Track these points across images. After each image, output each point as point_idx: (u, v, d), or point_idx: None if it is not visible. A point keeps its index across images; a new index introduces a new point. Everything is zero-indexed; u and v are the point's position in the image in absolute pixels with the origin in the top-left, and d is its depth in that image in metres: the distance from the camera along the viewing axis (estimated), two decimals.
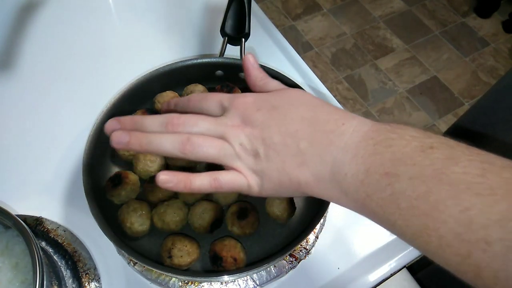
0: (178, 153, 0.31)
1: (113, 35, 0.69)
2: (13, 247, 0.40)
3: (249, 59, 0.37)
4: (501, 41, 1.88)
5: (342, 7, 1.98)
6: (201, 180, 0.31)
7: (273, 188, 0.31)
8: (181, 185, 0.31)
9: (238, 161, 0.32)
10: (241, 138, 0.31)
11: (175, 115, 0.32)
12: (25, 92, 0.61)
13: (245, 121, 0.32)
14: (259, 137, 0.31)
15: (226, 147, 0.31)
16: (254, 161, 0.31)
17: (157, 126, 0.32)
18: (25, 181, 0.53)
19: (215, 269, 0.44)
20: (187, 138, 0.31)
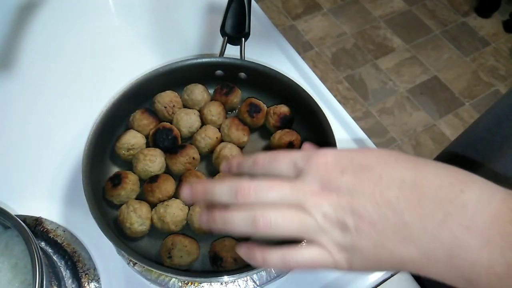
0: (253, 232, 0.27)
1: (113, 35, 0.69)
2: (13, 247, 0.40)
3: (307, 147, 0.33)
4: (502, 41, 1.87)
5: (342, 6, 1.98)
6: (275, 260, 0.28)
7: (367, 264, 0.27)
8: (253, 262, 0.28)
9: (322, 235, 0.27)
10: (325, 208, 0.26)
11: (244, 183, 0.28)
12: (25, 92, 0.61)
13: (327, 187, 0.27)
14: (347, 207, 0.26)
15: (308, 220, 0.27)
16: (342, 235, 0.26)
17: (226, 196, 0.28)
18: (25, 181, 0.53)
19: (215, 270, 0.44)
20: (260, 215, 0.27)
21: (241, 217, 0.27)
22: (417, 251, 0.25)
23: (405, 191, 0.25)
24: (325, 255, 0.27)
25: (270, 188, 0.28)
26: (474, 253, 0.23)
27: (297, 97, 0.53)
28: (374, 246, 0.26)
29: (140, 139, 0.51)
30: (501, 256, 0.22)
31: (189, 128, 0.52)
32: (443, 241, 0.24)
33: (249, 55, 0.56)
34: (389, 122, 1.63)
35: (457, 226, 0.23)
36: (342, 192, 0.26)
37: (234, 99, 0.55)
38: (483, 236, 0.23)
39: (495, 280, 0.23)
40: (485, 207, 0.23)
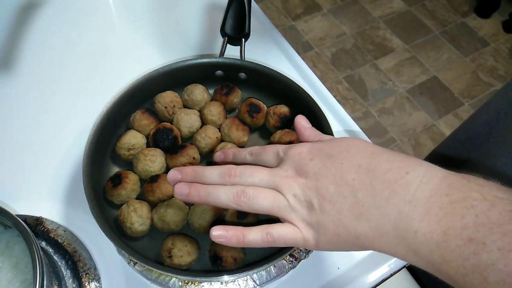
0: (234, 204, 0.31)
1: (113, 35, 0.69)
2: (13, 247, 0.40)
3: (300, 121, 0.37)
4: (501, 41, 1.88)
5: (342, 7, 1.98)
6: (254, 235, 0.31)
7: (329, 241, 0.30)
8: (234, 240, 0.31)
9: (292, 213, 0.31)
10: (295, 189, 0.30)
11: (232, 167, 0.33)
12: (25, 92, 0.61)
13: (298, 172, 0.31)
14: (312, 188, 0.30)
15: (280, 198, 0.31)
16: (308, 213, 0.30)
17: (216, 177, 0.33)
18: (25, 181, 0.53)
19: (215, 269, 0.44)
20: (242, 190, 0.31)
21: (225, 190, 0.32)
22: (368, 226, 0.28)
23: (360, 174, 0.29)
24: (296, 231, 0.31)
25: (253, 172, 0.32)
26: (415, 224, 0.25)
27: (297, 97, 0.53)
28: (333, 222, 0.29)
29: (141, 139, 0.51)
30: (437, 224, 0.25)
31: (189, 128, 0.52)
32: (390, 216, 0.27)
33: (249, 55, 0.56)
34: (389, 122, 1.63)
35: (401, 201, 0.26)
36: (309, 176, 0.30)
37: (234, 99, 0.55)
38: (423, 208, 0.25)
39: (434, 247, 0.25)
40: (426, 184, 0.26)
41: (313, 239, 0.30)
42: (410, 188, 0.26)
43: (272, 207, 0.31)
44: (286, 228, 0.31)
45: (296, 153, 0.32)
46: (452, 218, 0.24)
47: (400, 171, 0.27)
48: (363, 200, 0.28)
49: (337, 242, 0.30)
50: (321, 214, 0.29)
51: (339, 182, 0.29)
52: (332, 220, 0.29)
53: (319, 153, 0.31)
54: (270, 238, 0.31)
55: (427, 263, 0.26)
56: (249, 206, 0.31)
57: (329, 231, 0.29)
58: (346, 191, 0.29)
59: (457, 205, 0.24)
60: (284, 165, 0.32)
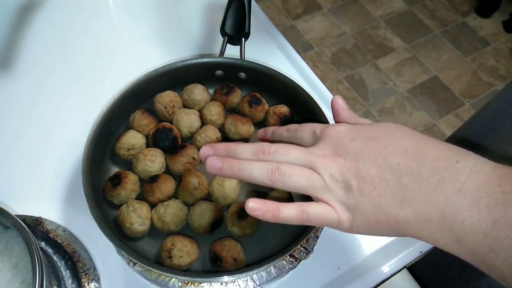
0: (267, 181, 0.30)
1: (113, 35, 0.69)
2: (13, 247, 0.40)
3: (338, 101, 0.35)
4: (502, 41, 1.87)
5: (342, 6, 1.98)
6: (289, 211, 0.30)
7: (366, 224, 0.29)
8: (269, 214, 0.30)
9: (328, 193, 0.30)
10: (332, 169, 0.29)
11: (266, 144, 0.32)
12: (24, 92, 0.61)
13: (337, 151, 0.30)
14: (352, 169, 0.29)
15: (316, 177, 0.30)
16: (345, 195, 0.29)
17: (249, 154, 0.32)
18: (25, 181, 0.53)
19: (215, 270, 0.44)
20: (276, 167, 0.30)
21: (259, 166, 0.31)
22: (412, 212, 0.27)
23: (406, 159, 0.27)
24: (331, 211, 0.29)
25: (288, 150, 0.31)
26: (464, 212, 0.25)
27: (297, 97, 0.53)
28: (373, 206, 0.28)
29: (140, 139, 0.51)
30: (488, 214, 0.24)
31: (189, 128, 0.52)
32: (436, 203, 0.26)
33: (249, 55, 0.56)
34: (389, 122, 1.62)
35: (450, 189, 0.26)
36: (349, 157, 0.29)
37: (234, 99, 0.55)
38: (472, 198, 0.25)
39: (482, 237, 0.24)
40: (477, 174, 0.25)
41: (348, 221, 0.29)
42: (460, 177, 0.26)
43: (307, 186, 0.30)
44: (321, 207, 0.30)
45: (335, 132, 0.31)
46: (504, 209, 0.23)
47: (450, 159, 0.27)
48: (408, 185, 0.27)
49: (374, 226, 0.29)
50: (360, 197, 0.28)
51: (382, 165, 0.28)
52: (371, 203, 0.28)
53: (361, 134, 0.30)
54: (306, 216, 0.30)
55: (470, 253, 0.25)
56: (283, 184, 0.30)
57: (367, 214, 0.28)
58: (389, 174, 0.28)
59: (509, 196, 0.24)
60: (321, 144, 0.31)
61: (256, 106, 0.53)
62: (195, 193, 0.47)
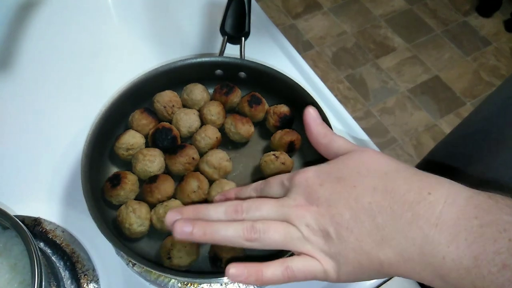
0: (244, 241, 0.29)
1: (112, 34, 0.69)
2: (11, 248, 0.40)
3: (311, 113, 0.34)
4: (503, 40, 1.87)
5: (342, 5, 1.98)
6: (273, 271, 0.29)
7: (352, 271, 0.28)
8: (253, 278, 0.29)
9: (308, 245, 0.29)
10: (307, 219, 0.29)
11: (238, 202, 0.31)
12: (23, 92, 0.61)
13: (308, 199, 0.29)
14: (326, 215, 0.28)
15: (292, 230, 0.29)
16: (325, 243, 0.28)
17: (222, 214, 0.31)
18: (23, 182, 0.53)
19: (214, 270, 0.44)
20: (251, 225, 0.29)
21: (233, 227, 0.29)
22: (392, 252, 0.26)
23: (377, 196, 0.27)
24: (315, 263, 0.29)
25: (260, 205, 0.30)
26: (443, 248, 0.24)
27: (297, 97, 0.53)
28: (354, 251, 0.27)
29: (140, 139, 0.51)
30: (468, 249, 0.23)
31: (188, 128, 0.52)
32: (415, 240, 0.25)
33: (249, 55, 0.56)
34: (390, 122, 1.62)
35: (426, 224, 0.25)
36: (321, 203, 0.29)
37: (234, 99, 0.55)
38: (450, 232, 0.24)
39: (464, 273, 0.23)
40: (451, 206, 0.25)
41: (334, 270, 0.28)
42: (434, 210, 0.25)
43: (284, 241, 0.29)
44: (305, 260, 0.29)
45: (303, 179, 0.30)
46: (483, 243, 0.23)
47: (421, 191, 0.26)
48: (384, 224, 0.26)
49: (359, 272, 0.28)
50: (339, 243, 0.28)
51: (354, 207, 0.27)
52: (352, 248, 0.27)
53: (328, 177, 0.29)
54: (290, 273, 0.29)
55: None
56: (261, 242, 0.29)
57: (350, 260, 0.27)
58: (363, 215, 0.27)
59: (488, 228, 0.23)
60: (291, 194, 0.30)
61: (256, 106, 0.53)
62: (192, 196, 0.46)
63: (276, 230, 0.29)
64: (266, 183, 0.34)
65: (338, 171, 0.30)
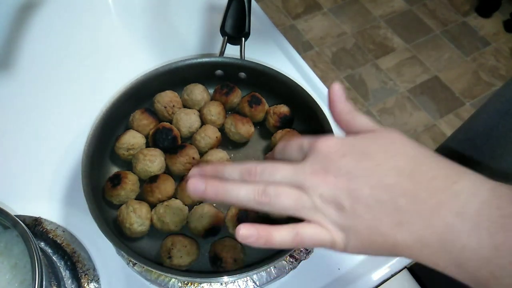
0: (254, 204, 0.29)
1: (113, 35, 0.69)
2: (12, 247, 0.40)
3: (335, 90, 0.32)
4: (502, 41, 1.87)
5: (342, 6, 1.98)
6: (283, 236, 0.29)
7: (361, 246, 0.28)
8: (262, 240, 0.28)
9: (319, 214, 0.28)
10: (322, 189, 0.28)
11: (253, 164, 0.30)
12: (24, 92, 0.61)
13: (326, 169, 0.28)
14: (344, 189, 0.27)
15: (304, 198, 0.28)
16: (338, 215, 0.28)
17: (236, 175, 0.30)
18: (24, 181, 0.53)
19: (215, 270, 0.44)
20: (263, 189, 0.28)
21: (245, 188, 0.29)
22: (410, 236, 0.26)
23: (402, 179, 0.26)
24: (325, 232, 0.28)
25: (275, 169, 0.29)
26: (464, 237, 0.24)
27: (297, 97, 0.53)
28: (368, 228, 0.27)
29: (140, 139, 0.51)
30: (489, 239, 0.23)
31: (189, 128, 0.52)
32: (436, 227, 0.25)
33: (249, 55, 0.56)
34: (390, 122, 1.62)
35: (449, 213, 0.25)
36: (340, 175, 0.28)
37: (234, 99, 0.55)
38: (472, 222, 0.24)
39: (483, 263, 0.24)
40: (475, 196, 0.25)
41: (342, 242, 0.28)
42: (458, 199, 0.25)
43: (295, 208, 0.28)
44: (315, 228, 0.28)
45: (324, 146, 0.29)
46: (505, 234, 0.23)
47: (447, 179, 0.26)
48: (405, 207, 0.26)
49: (369, 248, 0.28)
50: (353, 218, 0.27)
51: (376, 185, 0.26)
52: (366, 225, 0.27)
53: (352, 150, 0.28)
54: (300, 240, 0.28)
55: (472, 278, 0.25)
56: (271, 206, 0.29)
57: (362, 235, 0.27)
58: (384, 195, 0.26)
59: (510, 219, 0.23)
60: (309, 160, 0.29)
61: (256, 106, 0.53)
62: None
63: (288, 196, 0.28)
64: (286, 145, 0.32)
65: (364, 146, 0.28)
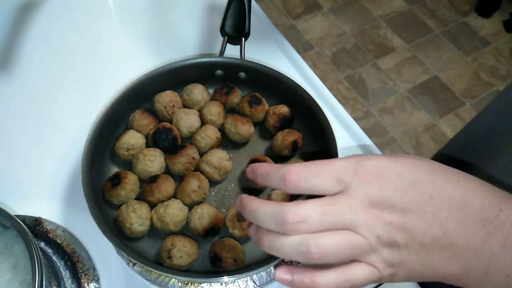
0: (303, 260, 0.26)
1: (113, 35, 0.69)
2: (12, 247, 0.40)
3: None
4: (502, 41, 1.87)
5: (342, 6, 1.98)
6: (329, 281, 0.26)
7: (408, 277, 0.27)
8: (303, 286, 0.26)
9: (373, 256, 0.26)
10: (378, 230, 0.26)
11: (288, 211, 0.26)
12: (24, 92, 0.61)
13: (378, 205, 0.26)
14: (400, 227, 0.26)
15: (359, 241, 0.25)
16: (391, 253, 0.26)
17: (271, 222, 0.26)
18: (24, 181, 0.53)
19: (215, 270, 0.44)
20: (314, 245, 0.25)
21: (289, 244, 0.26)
22: (459, 267, 0.26)
23: (454, 211, 0.26)
24: (375, 271, 0.27)
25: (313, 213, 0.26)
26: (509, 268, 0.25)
27: (297, 97, 0.53)
28: (421, 263, 0.26)
29: (140, 139, 0.51)
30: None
31: (189, 128, 0.52)
32: (483, 259, 0.26)
33: (249, 55, 0.56)
34: (390, 122, 1.62)
35: (495, 244, 0.25)
36: (395, 211, 0.26)
37: (234, 99, 0.55)
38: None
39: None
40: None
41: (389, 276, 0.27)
42: (504, 229, 0.25)
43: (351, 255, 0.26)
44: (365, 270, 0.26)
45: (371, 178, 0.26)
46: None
47: (493, 208, 0.26)
48: (457, 241, 0.25)
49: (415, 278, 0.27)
50: (406, 255, 0.26)
51: (430, 221, 0.26)
52: (419, 262, 0.26)
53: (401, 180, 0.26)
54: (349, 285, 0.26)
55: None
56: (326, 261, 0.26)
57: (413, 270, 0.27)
58: (438, 231, 0.26)
59: None
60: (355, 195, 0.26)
61: (256, 106, 0.53)
62: (193, 196, 0.47)
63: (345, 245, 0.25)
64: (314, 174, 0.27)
65: (412, 174, 0.26)
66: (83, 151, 0.46)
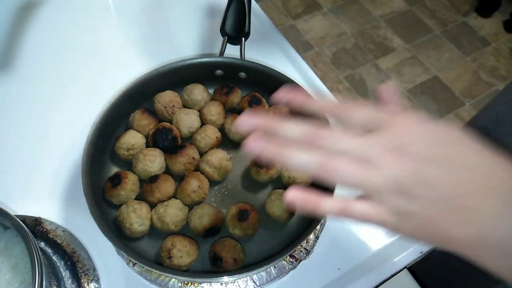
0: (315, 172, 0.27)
1: (113, 35, 0.69)
2: (12, 247, 0.40)
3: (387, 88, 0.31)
4: (502, 41, 1.87)
5: (342, 6, 1.98)
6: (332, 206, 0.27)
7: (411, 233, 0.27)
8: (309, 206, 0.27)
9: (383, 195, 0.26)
10: (396, 170, 0.25)
11: (317, 130, 0.27)
12: (24, 92, 0.61)
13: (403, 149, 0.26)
14: (419, 175, 0.25)
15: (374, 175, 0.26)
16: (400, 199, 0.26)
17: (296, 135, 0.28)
18: (24, 182, 0.53)
19: (215, 270, 0.44)
20: (327, 163, 0.26)
21: (309, 156, 0.26)
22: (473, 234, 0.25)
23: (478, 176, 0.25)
24: (379, 212, 0.27)
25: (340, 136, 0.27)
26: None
27: None
28: (429, 219, 0.26)
29: (140, 139, 0.51)
30: None
31: (189, 128, 0.52)
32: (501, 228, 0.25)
33: (249, 55, 0.56)
34: None
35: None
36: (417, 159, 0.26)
37: (234, 99, 0.55)
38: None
39: None
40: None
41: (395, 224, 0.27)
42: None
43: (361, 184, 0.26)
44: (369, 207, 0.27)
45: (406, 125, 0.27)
46: None
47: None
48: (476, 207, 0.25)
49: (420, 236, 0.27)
50: (417, 207, 0.25)
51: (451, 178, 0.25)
52: (429, 217, 0.25)
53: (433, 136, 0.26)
54: (349, 213, 0.27)
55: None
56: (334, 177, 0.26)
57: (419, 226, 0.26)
58: (459, 191, 0.25)
59: None
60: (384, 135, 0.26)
61: (256, 106, 0.53)
62: (192, 196, 0.47)
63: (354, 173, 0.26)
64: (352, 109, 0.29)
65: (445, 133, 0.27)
66: (83, 151, 0.46)
